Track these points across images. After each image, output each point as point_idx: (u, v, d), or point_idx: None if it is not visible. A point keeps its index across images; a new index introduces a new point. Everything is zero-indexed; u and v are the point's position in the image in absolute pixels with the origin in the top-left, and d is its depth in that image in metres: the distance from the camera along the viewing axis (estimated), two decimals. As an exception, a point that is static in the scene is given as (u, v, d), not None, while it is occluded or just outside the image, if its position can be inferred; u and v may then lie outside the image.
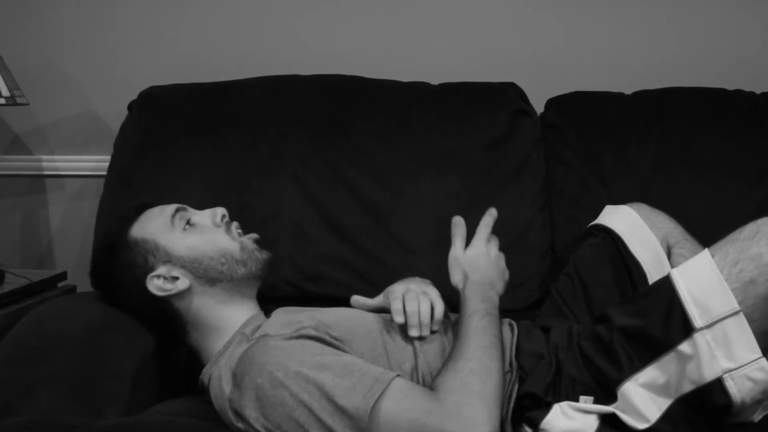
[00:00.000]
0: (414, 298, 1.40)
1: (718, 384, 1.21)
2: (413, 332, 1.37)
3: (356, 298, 1.51)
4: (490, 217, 1.49)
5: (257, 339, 1.30)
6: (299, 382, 1.20)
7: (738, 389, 1.21)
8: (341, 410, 1.17)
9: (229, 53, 2.08)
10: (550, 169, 1.82)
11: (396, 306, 1.39)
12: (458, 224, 1.48)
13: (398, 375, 1.22)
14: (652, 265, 1.53)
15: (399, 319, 1.37)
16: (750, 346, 1.20)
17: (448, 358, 1.29)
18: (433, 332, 1.40)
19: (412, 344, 1.38)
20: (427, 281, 1.52)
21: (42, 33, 2.13)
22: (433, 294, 1.43)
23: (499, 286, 1.45)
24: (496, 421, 1.18)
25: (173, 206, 1.47)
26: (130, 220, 1.47)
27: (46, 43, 2.13)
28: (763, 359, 1.21)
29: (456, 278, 1.44)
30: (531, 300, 1.73)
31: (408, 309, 1.38)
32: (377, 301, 1.48)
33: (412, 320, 1.37)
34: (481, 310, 1.35)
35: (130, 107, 1.89)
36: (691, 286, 1.25)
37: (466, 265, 1.44)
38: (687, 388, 1.23)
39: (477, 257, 1.45)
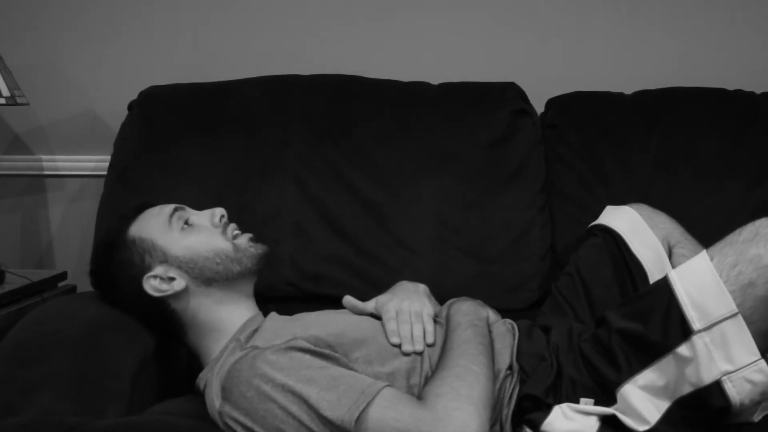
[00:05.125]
0: (407, 321, 1.41)
1: (716, 386, 1.21)
2: (407, 347, 1.37)
3: (348, 299, 1.50)
4: None
5: (246, 352, 1.30)
6: (286, 394, 1.20)
7: (737, 391, 1.21)
8: (328, 422, 1.17)
9: (229, 53, 2.08)
10: (550, 169, 1.81)
11: (391, 327, 1.40)
12: None
13: (387, 385, 1.21)
14: (654, 265, 1.53)
15: (395, 340, 1.38)
16: (749, 348, 1.20)
17: (434, 370, 1.30)
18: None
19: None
20: (419, 288, 1.52)
21: (42, 33, 2.13)
22: (425, 314, 1.43)
23: (488, 310, 1.49)
24: (486, 423, 1.17)
25: (171, 206, 1.47)
26: (129, 218, 1.46)
27: (46, 43, 2.13)
28: (762, 361, 1.21)
29: (438, 309, 1.49)
30: (531, 300, 1.73)
31: (402, 332, 1.39)
32: (369, 308, 1.48)
33: (406, 344, 1.38)
34: (464, 323, 1.37)
35: (130, 107, 1.89)
36: (689, 288, 1.24)
37: (452, 309, 1.46)
38: (686, 390, 1.23)
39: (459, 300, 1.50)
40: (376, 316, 1.46)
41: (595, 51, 2.02)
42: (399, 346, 1.37)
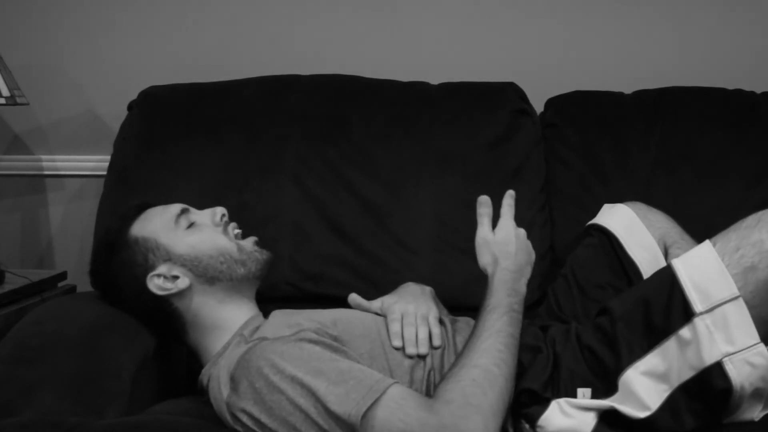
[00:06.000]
0: (412, 324, 1.40)
1: (717, 368, 1.22)
2: (410, 350, 1.37)
3: (354, 297, 1.51)
4: (511, 198, 1.43)
5: (255, 342, 1.30)
6: (294, 386, 1.20)
7: (738, 373, 1.21)
8: (335, 416, 1.17)
9: (229, 53, 2.08)
10: (550, 168, 1.82)
11: (395, 329, 1.39)
12: (484, 203, 1.41)
13: (395, 382, 1.20)
14: (649, 265, 1.52)
15: (397, 343, 1.37)
16: (749, 332, 1.22)
17: (456, 360, 1.27)
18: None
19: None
20: (426, 290, 1.52)
21: (42, 33, 2.13)
22: (432, 317, 1.42)
23: (528, 272, 1.40)
24: (495, 431, 1.17)
25: (178, 206, 1.47)
26: (130, 218, 1.47)
27: (46, 43, 2.13)
28: (762, 345, 1.22)
29: (485, 260, 1.38)
30: (531, 300, 1.71)
31: (406, 335, 1.38)
32: (374, 307, 1.48)
33: (410, 347, 1.37)
34: (503, 306, 1.31)
35: (130, 107, 1.89)
36: (691, 271, 1.26)
37: (497, 249, 1.38)
38: (687, 374, 1.24)
39: (507, 240, 1.39)
40: (381, 316, 1.46)
41: (595, 50, 2.02)
42: (402, 348, 1.37)
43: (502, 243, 1.39)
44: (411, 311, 1.42)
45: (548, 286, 1.64)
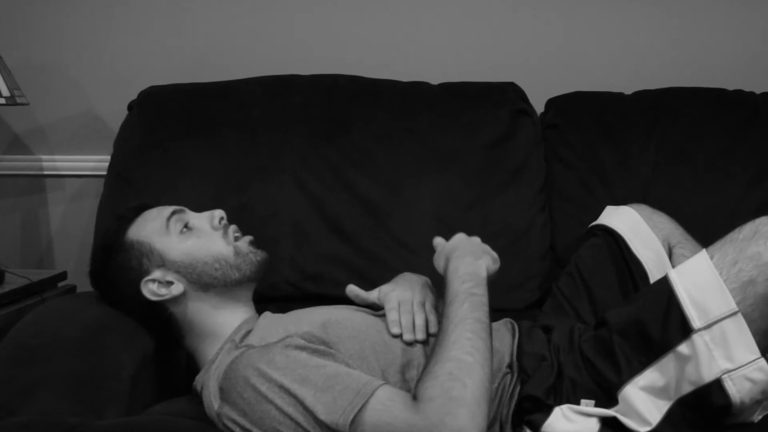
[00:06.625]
0: (409, 311, 1.40)
1: (717, 385, 1.21)
2: (408, 337, 1.37)
3: (352, 288, 1.50)
4: None
5: (241, 352, 1.29)
6: (283, 395, 1.20)
7: (737, 390, 1.21)
8: (324, 425, 1.17)
9: (229, 53, 2.08)
10: (550, 169, 1.82)
11: (392, 317, 1.39)
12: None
13: (383, 384, 1.20)
14: (654, 265, 1.53)
15: (395, 330, 1.37)
16: (749, 347, 1.20)
17: (428, 359, 1.26)
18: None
19: (402, 342, 1.38)
20: (422, 279, 1.52)
21: (42, 33, 2.13)
22: (428, 304, 1.43)
23: (487, 259, 1.39)
24: (482, 421, 1.14)
25: (170, 209, 1.45)
26: (128, 220, 1.45)
27: (46, 43, 2.13)
28: (762, 360, 1.21)
29: (439, 264, 1.42)
30: (531, 300, 1.73)
31: (404, 322, 1.38)
32: (372, 297, 1.47)
33: (407, 334, 1.37)
34: (461, 294, 1.30)
35: (130, 107, 1.89)
36: (689, 286, 1.25)
37: (447, 249, 1.42)
38: (686, 389, 1.24)
39: (458, 240, 1.45)
40: (378, 307, 1.46)
41: (595, 51, 2.02)
42: (400, 336, 1.37)
43: (452, 243, 1.44)
44: (408, 299, 1.42)
45: (553, 284, 1.64)
